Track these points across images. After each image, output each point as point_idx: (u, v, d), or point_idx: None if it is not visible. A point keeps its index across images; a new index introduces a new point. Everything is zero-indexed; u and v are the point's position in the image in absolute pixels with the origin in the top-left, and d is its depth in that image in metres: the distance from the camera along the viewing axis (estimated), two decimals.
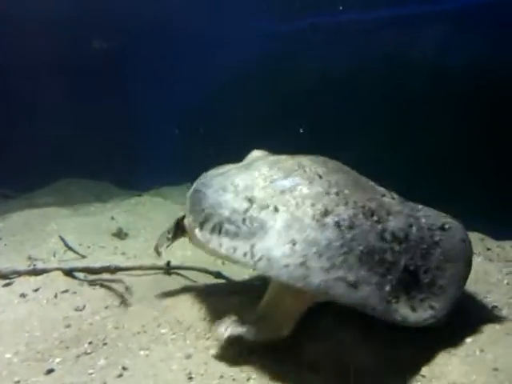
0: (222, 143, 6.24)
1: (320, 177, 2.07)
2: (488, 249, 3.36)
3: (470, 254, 2.07)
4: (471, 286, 2.59)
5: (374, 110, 5.09)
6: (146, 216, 4.81)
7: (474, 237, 3.62)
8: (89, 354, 2.15)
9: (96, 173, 6.42)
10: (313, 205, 1.93)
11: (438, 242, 1.96)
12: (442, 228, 2.03)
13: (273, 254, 1.86)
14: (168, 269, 3.08)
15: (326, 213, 1.88)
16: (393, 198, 2.11)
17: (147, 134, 6.89)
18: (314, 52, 5.66)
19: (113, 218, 4.61)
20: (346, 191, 1.99)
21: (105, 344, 2.22)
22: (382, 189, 2.20)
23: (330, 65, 5.51)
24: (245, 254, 1.90)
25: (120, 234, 4.25)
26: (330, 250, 1.79)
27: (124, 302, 2.65)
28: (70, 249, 3.48)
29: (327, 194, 1.96)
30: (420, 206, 2.18)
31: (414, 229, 1.93)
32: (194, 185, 2.48)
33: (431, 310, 1.79)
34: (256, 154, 2.60)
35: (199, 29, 6.49)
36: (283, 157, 2.36)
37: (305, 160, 2.24)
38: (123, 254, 3.64)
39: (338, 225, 1.84)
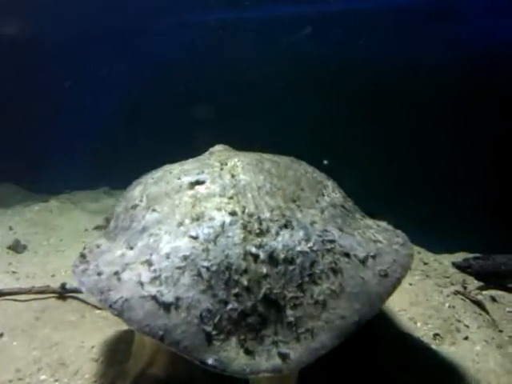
0: (147, 145, 5.82)
1: (232, 176, 1.77)
2: (425, 263, 3.21)
3: (383, 294, 1.55)
4: (411, 309, 2.40)
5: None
6: (51, 226, 4.26)
7: None
8: None
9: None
10: (193, 206, 1.65)
11: (337, 272, 1.51)
12: (361, 257, 1.58)
13: (101, 259, 1.62)
14: (62, 292, 2.64)
15: (197, 218, 1.58)
16: (332, 213, 1.75)
17: (61, 131, 6.25)
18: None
19: (11, 228, 4.05)
20: (249, 195, 1.68)
21: None
22: (326, 200, 1.81)
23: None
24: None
25: (17, 247, 3.69)
26: (164, 261, 1.47)
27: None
28: None
29: (220, 196, 1.67)
30: (372, 227, 1.82)
31: (309, 250, 1.52)
32: None
33: (279, 360, 1.31)
34: (217, 148, 2.37)
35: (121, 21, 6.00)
36: (229, 153, 2.13)
37: (241, 156, 1.96)
38: (14, 272, 3.12)
39: (197, 233, 1.52)
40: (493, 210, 3.79)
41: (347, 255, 1.58)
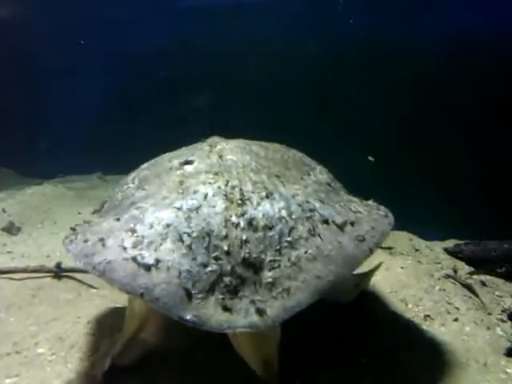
0: (140, 131, 5.82)
1: (220, 156, 1.86)
2: (416, 250, 3.26)
3: (360, 257, 1.59)
4: (402, 291, 2.44)
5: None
6: (44, 209, 4.27)
7: (403, 236, 3.53)
8: None
9: None
10: (179, 183, 1.72)
11: (315, 236, 1.56)
12: (339, 223, 1.63)
13: (90, 230, 1.65)
14: (58, 272, 2.65)
15: (182, 192, 1.64)
16: (315, 188, 1.82)
17: (56, 116, 6.24)
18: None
19: (4, 211, 4.04)
20: (234, 172, 1.74)
21: None
22: (312, 179, 1.90)
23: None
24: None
25: (11, 229, 3.70)
26: (147, 229, 1.52)
27: None
28: None
29: (206, 172, 1.74)
30: (351, 203, 1.83)
31: (288, 218, 1.57)
32: None
33: (256, 316, 1.37)
34: (213, 139, 2.42)
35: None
36: (221, 140, 2.18)
37: (230, 141, 2.06)
38: (9, 252, 3.13)
39: (180, 205, 1.57)
40: (483, 198, 3.85)
41: (326, 222, 1.63)
